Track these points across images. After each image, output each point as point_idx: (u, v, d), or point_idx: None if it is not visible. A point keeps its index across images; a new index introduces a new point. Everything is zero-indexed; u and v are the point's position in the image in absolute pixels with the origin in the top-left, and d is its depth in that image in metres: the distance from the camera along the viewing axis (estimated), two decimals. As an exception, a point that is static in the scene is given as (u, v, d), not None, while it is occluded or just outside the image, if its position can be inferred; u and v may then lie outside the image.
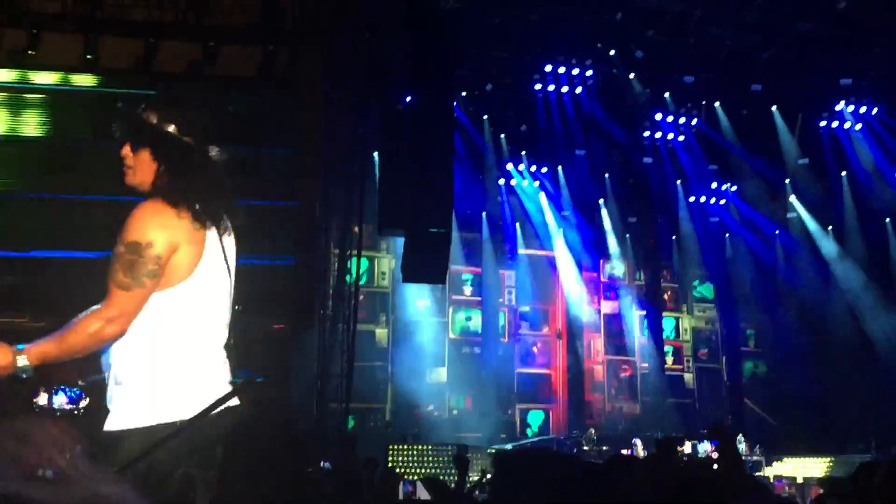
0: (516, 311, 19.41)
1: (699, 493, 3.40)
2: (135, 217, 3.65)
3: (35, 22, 12.70)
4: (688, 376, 20.44)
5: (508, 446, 16.24)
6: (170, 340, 3.64)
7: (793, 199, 19.71)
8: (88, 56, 12.90)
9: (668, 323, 20.46)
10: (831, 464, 14.89)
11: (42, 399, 3.11)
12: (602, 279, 20.15)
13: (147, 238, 3.56)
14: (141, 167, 3.80)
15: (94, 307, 3.58)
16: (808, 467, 15.60)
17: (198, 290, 3.69)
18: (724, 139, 18.09)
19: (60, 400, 3.10)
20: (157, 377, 3.58)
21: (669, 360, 20.14)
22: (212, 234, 3.74)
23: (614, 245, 19.83)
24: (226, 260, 3.80)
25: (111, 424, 3.56)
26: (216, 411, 3.23)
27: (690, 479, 3.68)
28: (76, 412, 3.15)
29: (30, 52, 12.78)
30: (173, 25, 13.08)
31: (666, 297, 20.62)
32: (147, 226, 3.61)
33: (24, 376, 3.58)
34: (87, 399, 3.29)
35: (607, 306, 20.08)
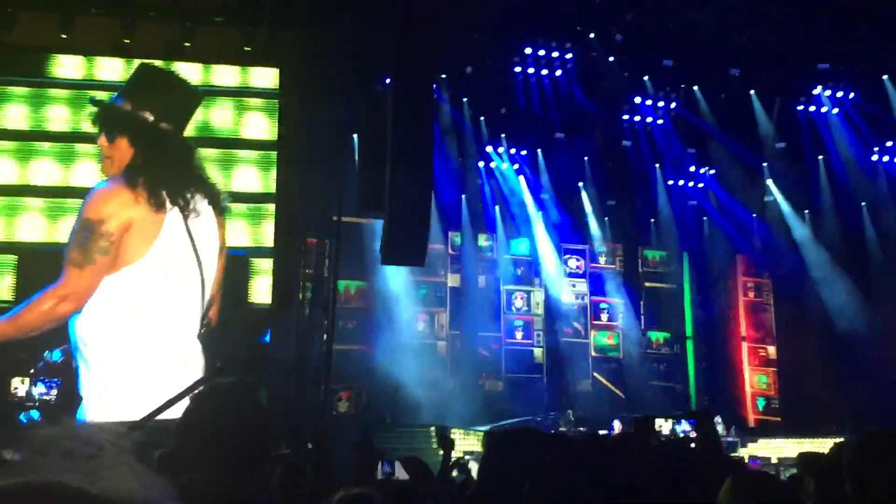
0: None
1: (678, 470, 3.44)
2: (91, 196, 3.66)
3: (10, 2, 12.57)
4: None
5: (486, 427, 16.31)
6: (130, 324, 3.63)
7: (770, 182, 19.84)
8: (64, 36, 12.78)
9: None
10: (801, 444, 15.10)
11: (21, 390, 3.10)
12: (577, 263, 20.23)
13: (99, 215, 3.56)
14: (119, 157, 3.79)
15: (49, 286, 3.57)
16: (782, 448, 15.81)
17: (155, 272, 3.67)
18: (703, 123, 18.17)
19: (39, 390, 3.10)
20: (125, 365, 3.57)
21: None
22: (174, 217, 3.72)
23: (595, 228, 19.89)
24: (193, 245, 3.79)
25: (90, 415, 3.56)
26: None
27: (669, 458, 3.72)
28: (51, 401, 3.16)
29: (6, 32, 12.65)
30: (150, 5, 12.98)
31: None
32: (100, 204, 3.60)
33: None
34: (61, 388, 3.30)
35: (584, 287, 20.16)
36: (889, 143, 18.86)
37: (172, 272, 3.73)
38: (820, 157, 18.89)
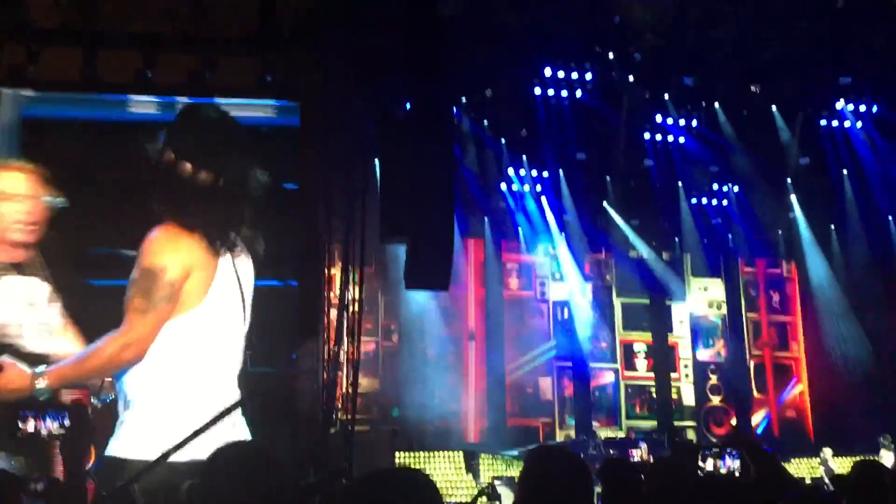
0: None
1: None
2: (149, 242, 3.67)
3: (34, 37, 12.68)
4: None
5: (515, 452, 16.23)
6: (184, 367, 3.64)
7: (793, 198, 19.70)
8: (87, 71, 12.87)
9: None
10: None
11: (30, 426, 3.14)
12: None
13: (161, 263, 3.57)
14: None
15: (112, 332, 3.60)
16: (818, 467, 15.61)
17: (211, 316, 3.68)
18: (725, 140, 18.09)
19: (50, 425, 3.14)
20: (168, 407, 3.57)
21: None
22: (225, 259, 3.74)
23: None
24: (240, 286, 3.80)
25: (117, 450, 3.55)
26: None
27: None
28: (60, 436, 3.21)
29: (29, 67, 12.75)
30: (170, 37, 13.06)
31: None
32: (161, 251, 3.62)
33: (42, 398, 3.63)
34: (70, 421, 3.34)
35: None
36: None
37: (225, 315, 3.75)
38: (844, 171, 18.73)
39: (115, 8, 12.64)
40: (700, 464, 3.53)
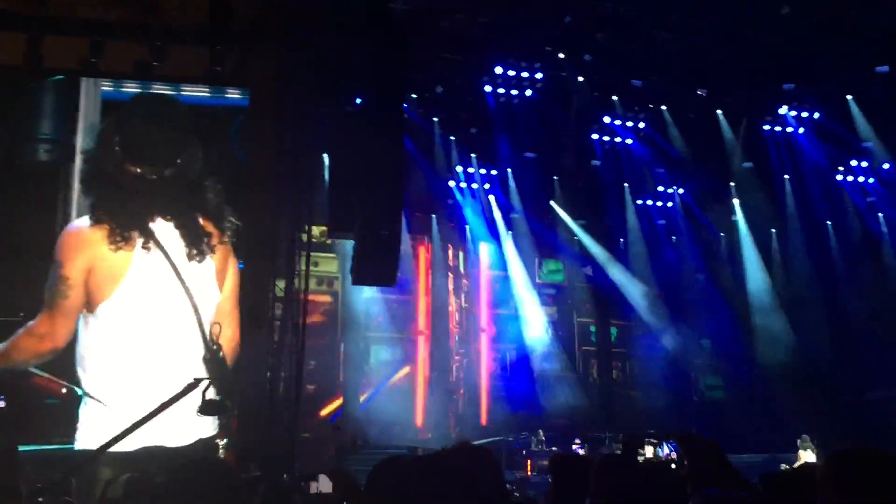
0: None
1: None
2: (59, 238, 3.69)
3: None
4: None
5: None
6: (120, 357, 3.63)
7: (736, 202, 20.02)
8: (31, 56, 12.62)
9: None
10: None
11: None
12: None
13: (60, 259, 3.59)
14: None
15: (28, 324, 3.60)
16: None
17: (130, 306, 3.67)
18: (671, 142, 18.30)
19: None
20: (116, 397, 3.57)
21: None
22: (149, 254, 3.72)
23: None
24: (179, 277, 3.79)
25: (81, 443, 3.57)
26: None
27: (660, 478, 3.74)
28: None
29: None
30: (119, 24, 12.86)
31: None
32: (62, 249, 3.63)
33: None
34: (4, 402, 3.32)
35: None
36: (854, 163, 19.11)
37: (153, 305, 3.73)
38: (786, 176, 19.07)
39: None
40: (640, 451, 3.62)
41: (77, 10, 12.52)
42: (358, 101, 13.72)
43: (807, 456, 14.77)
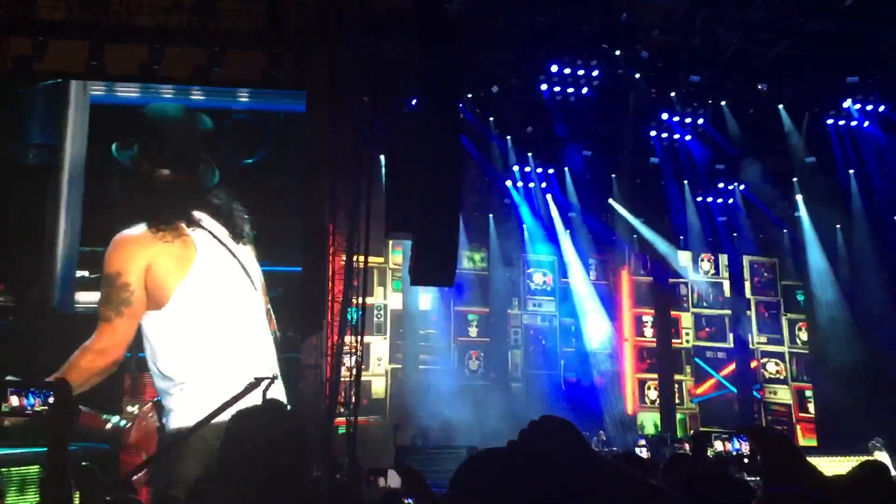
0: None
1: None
2: (108, 249, 3.79)
3: (41, 29, 12.72)
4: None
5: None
6: (188, 352, 3.72)
7: (799, 198, 19.68)
8: (94, 63, 12.91)
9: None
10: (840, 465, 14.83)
11: (14, 401, 3.19)
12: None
13: (115, 268, 3.67)
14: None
15: (84, 344, 3.70)
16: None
17: (193, 301, 3.76)
18: (731, 138, 18.05)
19: (33, 401, 3.21)
20: (203, 379, 3.67)
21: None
22: (206, 244, 3.82)
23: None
24: (241, 264, 3.88)
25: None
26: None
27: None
28: (43, 411, 3.28)
29: (36, 60, 12.80)
30: (178, 31, 13.09)
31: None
32: (113, 257, 3.73)
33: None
34: (53, 398, 3.41)
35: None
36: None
37: (220, 289, 3.82)
38: (851, 170, 18.70)
39: (122, 2, 12.68)
40: (709, 447, 3.55)
41: (137, 18, 12.78)
42: (413, 102, 13.76)
43: (881, 458, 14.44)
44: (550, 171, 18.85)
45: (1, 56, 13.02)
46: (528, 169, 18.65)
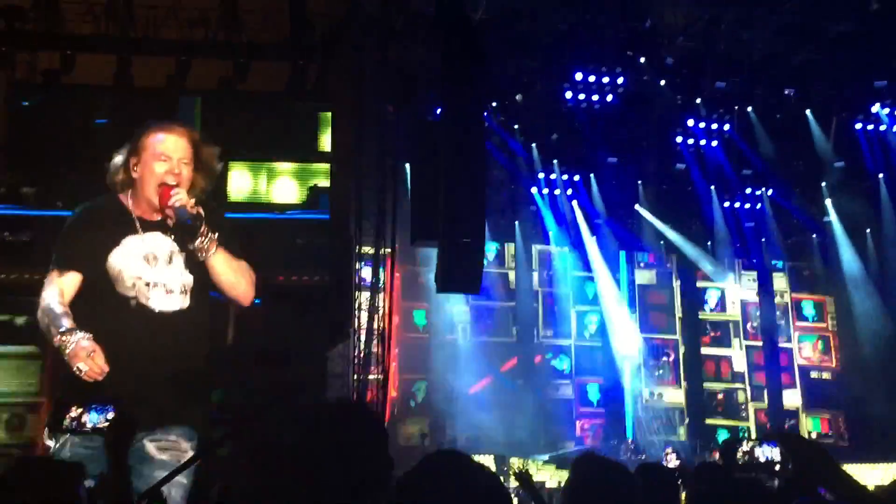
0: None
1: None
2: None
3: (69, 43, 12.88)
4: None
5: (545, 457, 16.18)
6: None
7: (829, 203, 19.50)
8: (121, 76, 13.05)
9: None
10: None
11: (74, 416, 3.19)
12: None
13: None
14: None
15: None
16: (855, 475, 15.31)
17: None
18: (758, 144, 17.94)
19: (93, 418, 3.18)
20: None
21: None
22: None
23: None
24: None
25: None
26: None
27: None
28: (104, 429, 3.26)
29: (64, 73, 12.96)
30: (204, 43, 13.21)
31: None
32: None
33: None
34: (113, 414, 3.41)
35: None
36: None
37: None
38: (881, 175, 18.51)
39: (148, 15, 12.82)
40: (738, 454, 3.50)
41: (163, 30, 12.91)
42: (438, 110, 13.78)
43: None
44: (576, 177, 18.80)
45: (30, 70, 13.20)
46: (553, 176, 18.60)
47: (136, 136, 4.33)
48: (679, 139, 18.11)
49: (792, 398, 19.93)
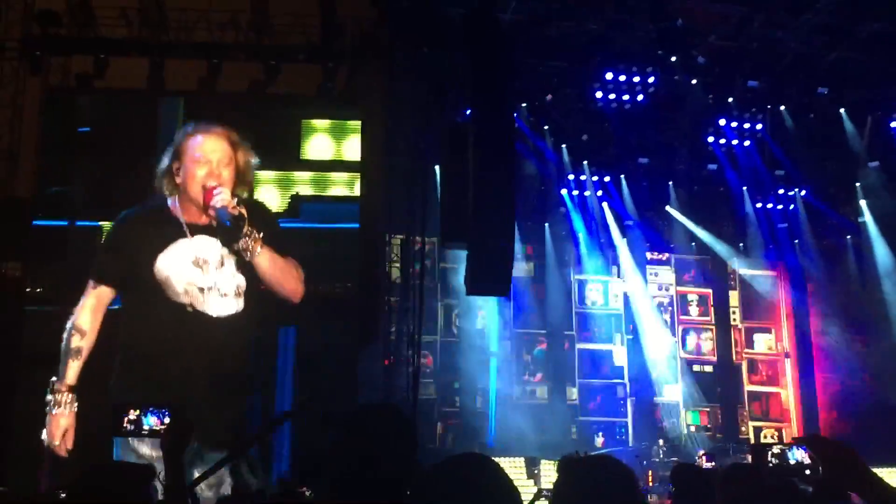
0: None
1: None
2: None
3: (102, 47, 13.02)
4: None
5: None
6: None
7: (863, 203, 19.26)
8: (154, 79, 13.18)
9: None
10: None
11: (132, 419, 3.25)
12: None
13: None
14: None
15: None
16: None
17: None
18: (791, 143, 17.76)
19: (151, 421, 3.23)
20: None
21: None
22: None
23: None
24: None
25: None
26: None
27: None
28: (160, 431, 3.30)
29: (97, 77, 13.11)
30: (235, 46, 13.30)
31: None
32: None
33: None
34: (170, 418, 3.42)
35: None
36: None
37: None
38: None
39: (179, 18, 12.93)
40: (769, 457, 3.46)
41: (195, 33, 13.01)
42: (468, 112, 13.77)
43: None
44: (607, 178, 18.70)
45: (63, 74, 13.35)
46: (583, 177, 18.51)
47: (177, 140, 4.33)
48: (711, 139, 17.97)
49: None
